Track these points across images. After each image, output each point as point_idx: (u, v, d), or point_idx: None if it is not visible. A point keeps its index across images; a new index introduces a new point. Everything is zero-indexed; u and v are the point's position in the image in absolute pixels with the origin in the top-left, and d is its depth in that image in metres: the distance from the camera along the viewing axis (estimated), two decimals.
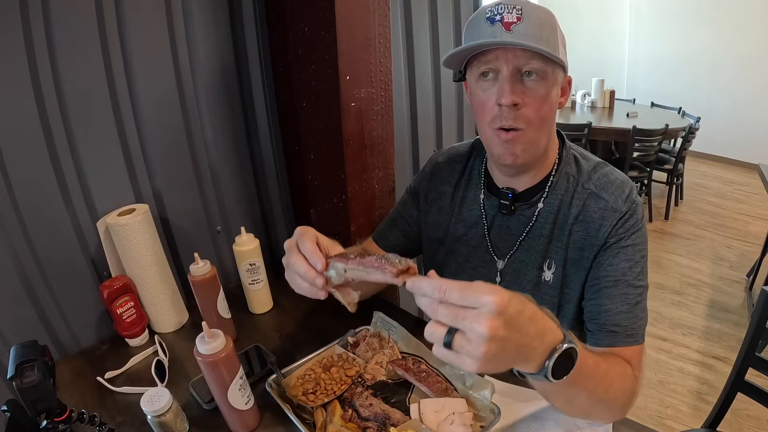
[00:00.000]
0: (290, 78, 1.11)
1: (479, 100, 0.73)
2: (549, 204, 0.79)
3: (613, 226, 0.73)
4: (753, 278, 2.67)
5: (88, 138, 0.91)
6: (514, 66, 0.67)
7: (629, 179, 0.77)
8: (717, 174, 4.55)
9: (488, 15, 0.67)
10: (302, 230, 0.64)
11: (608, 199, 0.74)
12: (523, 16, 0.65)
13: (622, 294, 0.72)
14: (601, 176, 0.77)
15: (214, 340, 0.65)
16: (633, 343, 0.71)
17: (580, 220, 0.76)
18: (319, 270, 0.60)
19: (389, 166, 1.18)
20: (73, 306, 0.95)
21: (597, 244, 0.75)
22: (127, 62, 0.93)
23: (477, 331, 0.44)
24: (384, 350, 0.84)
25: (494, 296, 0.44)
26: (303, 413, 0.73)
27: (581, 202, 0.77)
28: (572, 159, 0.81)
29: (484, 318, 0.44)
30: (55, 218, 0.90)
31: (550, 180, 0.80)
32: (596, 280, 0.75)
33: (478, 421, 0.70)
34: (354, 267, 0.58)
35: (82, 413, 0.67)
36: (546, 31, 0.67)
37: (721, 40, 4.48)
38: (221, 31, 1.07)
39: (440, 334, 0.46)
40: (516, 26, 0.65)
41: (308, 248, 0.61)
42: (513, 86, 0.68)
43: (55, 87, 0.85)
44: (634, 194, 0.75)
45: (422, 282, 0.48)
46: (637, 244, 0.74)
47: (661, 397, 1.96)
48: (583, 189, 0.77)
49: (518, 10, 0.65)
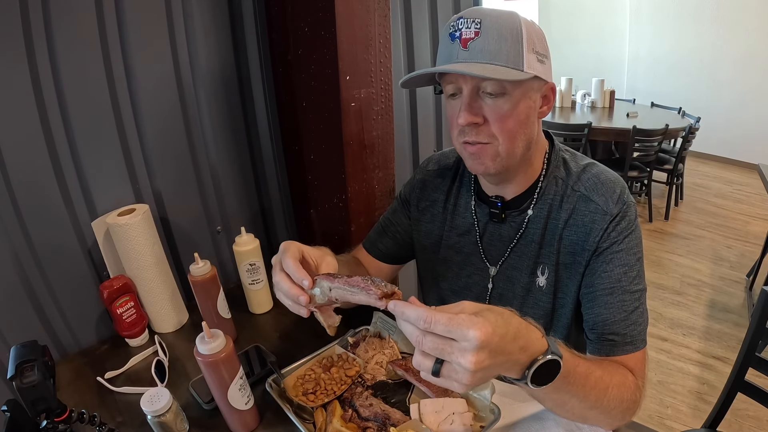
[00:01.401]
0: (290, 78, 1.11)
1: (449, 115, 0.74)
2: (539, 210, 0.78)
3: (605, 230, 0.71)
4: (753, 278, 2.67)
5: (88, 138, 0.91)
6: (473, 86, 0.67)
7: (620, 178, 0.76)
8: (717, 174, 4.55)
9: (451, 30, 0.67)
10: (285, 246, 0.65)
11: (598, 202, 0.73)
12: (481, 31, 0.64)
13: (619, 302, 0.70)
14: (591, 177, 0.76)
15: (214, 340, 0.65)
16: (632, 350, 0.70)
17: (570, 224, 0.75)
18: (306, 287, 0.61)
19: (389, 166, 1.18)
20: (73, 306, 0.95)
21: (589, 249, 0.73)
22: (127, 62, 0.93)
23: (463, 365, 0.45)
24: (384, 350, 0.84)
25: (478, 332, 0.44)
26: (303, 413, 0.72)
27: (571, 206, 0.75)
28: (561, 161, 0.80)
29: (468, 354, 0.45)
30: (55, 218, 0.90)
31: (538, 186, 0.79)
32: (591, 287, 0.73)
33: (478, 421, 0.69)
34: (339, 286, 0.58)
35: (82, 413, 0.67)
36: (506, 44, 0.64)
37: (721, 40, 4.48)
38: (221, 31, 1.07)
39: (428, 365, 0.48)
40: (473, 42, 0.64)
41: (290, 266, 0.62)
42: (471, 106, 0.67)
43: (55, 87, 0.85)
44: (625, 194, 0.74)
45: (406, 309, 0.48)
46: (632, 247, 0.72)
47: (661, 397, 1.96)
48: (572, 191, 0.76)
49: (477, 23, 0.64)
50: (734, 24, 4.35)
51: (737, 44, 4.38)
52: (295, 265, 0.62)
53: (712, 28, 4.51)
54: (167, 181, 1.05)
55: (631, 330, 0.70)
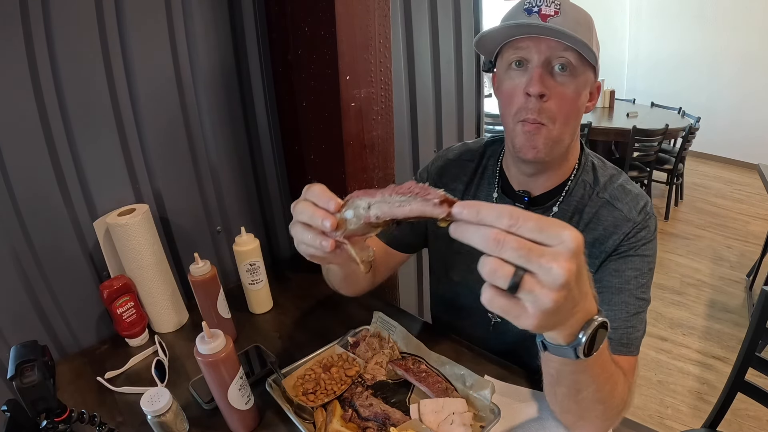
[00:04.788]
0: (290, 78, 1.11)
1: (507, 90, 0.71)
2: (563, 209, 0.78)
3: (626, 234, 0.72)
4: (753, 278, 2.67)
5: (88, 138, 0.91)
6: (546, 57, 0.66)
7: (645, 193, 0.76)
8: (717, 174, 4.55)
9: (526, 6, 0.66)
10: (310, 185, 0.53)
11: (622, 209, 0.73)
12: (561, 11, 0.65)
13: (623, 302, 0.70)
14: (617, 186, 0.76)
15: (214, 340, 0.65)
16: (627, 353, 0.69)
17: (590, 228, 0.75)
18: (331, 210, 0.49)
19: (389, 166, 1.18)
20: (73, 306, 0.95)
21: (606, 251, 0.73)
22: (127, 62, 0.93)
23: (554, 273, 0.36)
24: (384, 350, 0.84)
25: (573, 232, 0.37)
26: (303, 413, 0.73)
27: (594, 210, 0.75)
28: (590, 167, 0.79)
29: (562, 258, 0.36)
30: (55, 218, 0.90)
31: (567, 185, 0.78)
32: (599, 283, 0.73)
33: (478, 421, 0.70)
34: (381, 200, 0.45)
35: (82, 413, 0.67)
36: (582, 29, 0.66)
37: (721, 40, 4.48)
38: (221, 31, 1.07)
39: (506, 273, 0.37)
40: (553, 19, 0.65)
41: (316, 191, 0.50)
42: (542, 76, 0.66)
43: (55, 87, 0.85)
44: (648, 207, 0.74)
45: (482, 207, 0.38)
46: (648, 255, 0.72)
47: (661, 397, 1.96)
48: (597, 197, 0.76)
49: (557, 4, 0.65)
50: (734, 24, 4.35)
51: (737, 44, 4.38)
52: (321, 190, 0.50)
53: (712, 28, 4.51)
54: (167, 181, 1.05)
55: (629, 332, 0.69)
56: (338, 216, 0.48)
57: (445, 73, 1.49)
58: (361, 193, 0.47)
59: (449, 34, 1.47)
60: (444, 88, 1.49)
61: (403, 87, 1.36)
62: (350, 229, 0.48)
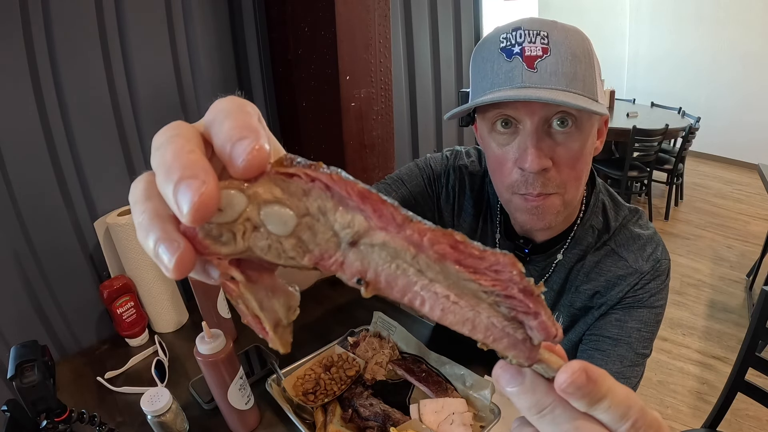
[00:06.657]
0: (290, 78, 1.11)
1: (495, 156, 0.58)
2: (568, 258, 0.69)
3: (632, 286, 0.65)
4: (753, 278, 2.67)
5: (88, 138, 0.91)
6: (541, 117, 0.52)
7: (656, 235, 0.68)
8: (717, 174, 4.55)
9: (503, 44, 0.52)
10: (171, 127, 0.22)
11: (628, 258, 0.65)
12: (550, 47, 0.51)
13: (619, 356, 0.63)
14: (627, 233, 0.67)
15: (214, 340, 0.65)
16: None
17: (591, 278, 0.67)
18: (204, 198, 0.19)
19: (389, 166, 1.18)
20: (73, 306, 0.95)
21: (609, 303, 0.66)
22: (127, 62, 0.93)
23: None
24: (384, 350, 0.84)
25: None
26: (303, 413, 0.73)
27: (597, 259, 0.67)
28: (600, 208, 0.69)
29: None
30: (55, 218, 0.90)
31: (573, 231, 0.68)
32: (597, 330, 0.66)
33: (478, 421, 0.70)
34: (417, 260, 0.20)
35: (82, 413, 0.67)
36: (581, 67, 0.52)
37: (721, 40, 4.48)
38: (221, 31, 1.07)
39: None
40: (542, 62, 0.50)
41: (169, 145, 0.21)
42: (539, 145, 0.53)
43: (55, 87, 0.85)
44: (658, 252, 0.66)
45: (608, 392, 0.21)
46: (657, 306, 0.65)
47: (661, 397, 1.96)
48: (604, 246, 0.68)
49: (543, 38, 0.51)
50: (734, 24, 4.35)
51: (737, 44, 4.38)
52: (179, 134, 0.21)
53: (712, 28, 4.51)
54: None
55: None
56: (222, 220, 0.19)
57: (445, 73, 1.49)
58: (325, 181, 0.19)
59: (449, 34, 1.47)
60: (444, 88, 1.50)
61: (403, 87, 1.36)
62: (255, 252, 0.20)
